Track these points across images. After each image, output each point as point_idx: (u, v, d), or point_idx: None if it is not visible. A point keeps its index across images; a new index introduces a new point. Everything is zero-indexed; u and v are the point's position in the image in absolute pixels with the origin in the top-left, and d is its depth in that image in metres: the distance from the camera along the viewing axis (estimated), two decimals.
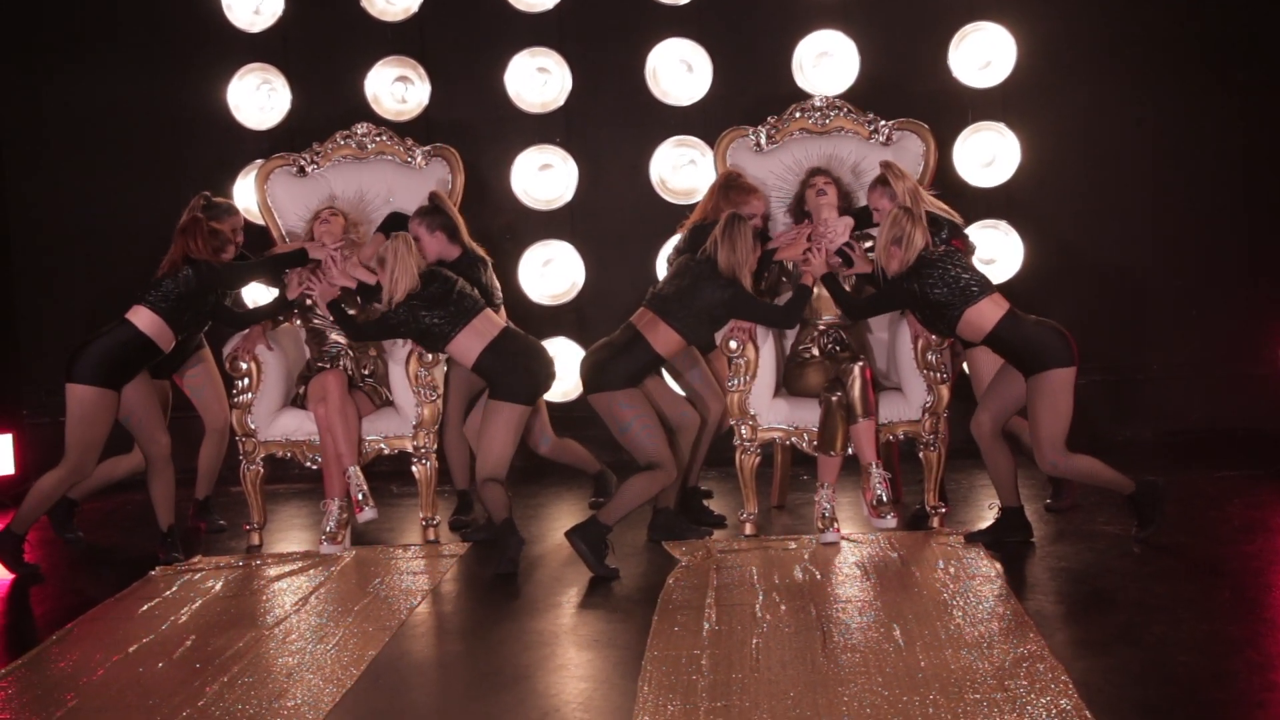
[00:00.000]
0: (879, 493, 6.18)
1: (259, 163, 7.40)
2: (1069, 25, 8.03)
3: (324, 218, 6.77)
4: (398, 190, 7.14)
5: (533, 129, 8.07)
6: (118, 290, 6.55)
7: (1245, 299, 8.13)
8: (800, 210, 6.74)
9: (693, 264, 6.20)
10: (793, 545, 6.19)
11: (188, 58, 8.21)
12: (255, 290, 7.30)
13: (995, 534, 6.07)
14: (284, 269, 6.60)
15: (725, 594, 5.48)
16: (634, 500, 5.98)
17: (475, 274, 6.53)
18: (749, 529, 6.41)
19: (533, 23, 8.06)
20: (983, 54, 7.85)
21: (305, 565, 6.20)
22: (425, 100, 8.03)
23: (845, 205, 6.68)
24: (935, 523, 6.38)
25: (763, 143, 7.05)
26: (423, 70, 8.02)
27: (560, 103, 8.03)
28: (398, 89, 8.03)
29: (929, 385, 6.33)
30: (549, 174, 8.03)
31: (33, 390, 8.37)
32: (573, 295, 8.02)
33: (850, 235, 6.34)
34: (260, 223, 7.27)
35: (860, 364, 6.25)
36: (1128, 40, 8.08)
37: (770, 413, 6.44)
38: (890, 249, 5.95)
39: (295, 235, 7.06)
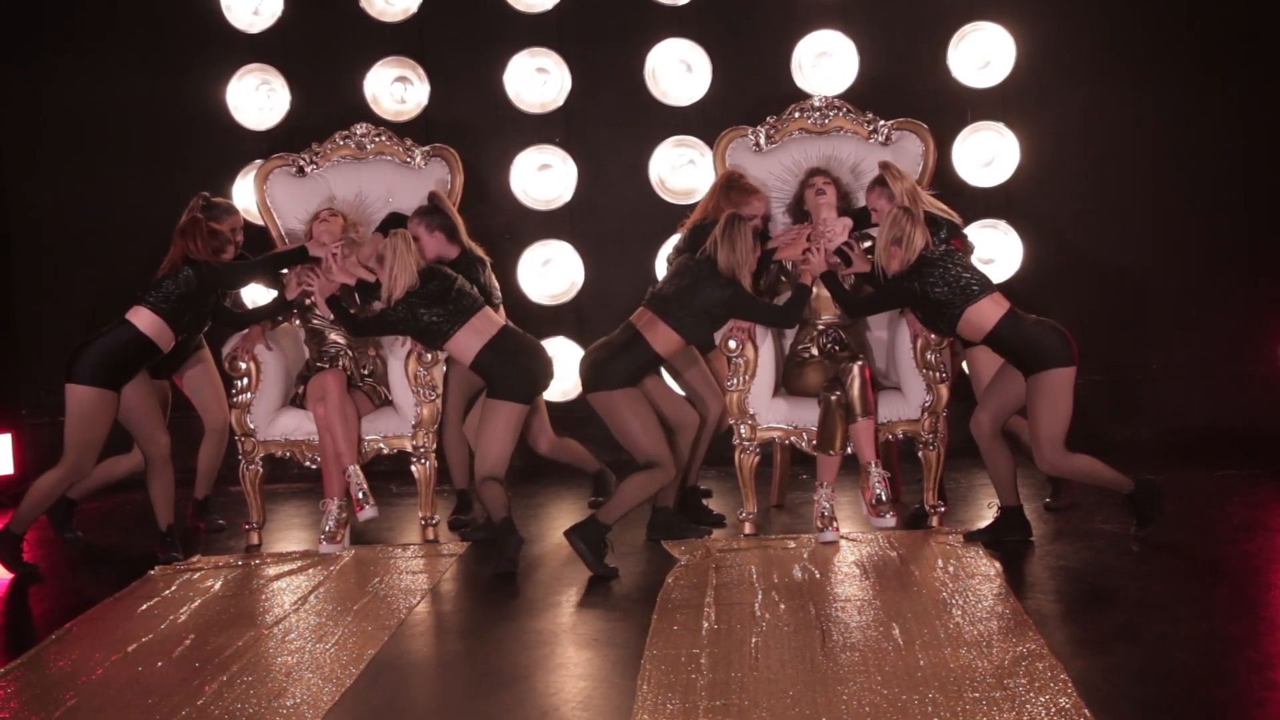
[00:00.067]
0: (878, 492, 6.18)
1: (258, 163, 7.40)
2: (1068, 25, 8.03)
3: (323, 217, 6.76)
4: (397, 190, 7.13)
5: (532, 129, 8.07)
6: (117, 290, 6.55)
7: (1245, 298, 8.12)
8: (799, 210, 6.74)
9: (692, 264, 6.20)
10: (792, 544, 6.19)
11: (187, 58, 8.21)
12: (254, 290, 7.30)
13: (994, 533, 6.07)
14: (283, 268, 6.61)
15: (724, 593, 5.48)
16: (633, 499, 5.98)
17: (474, 274, 6.53)
18: (748, 528, 6.41)
19: (532, 23, 8.06)
20: (982, 54, 7.85)
21: (304, 564, 6.20)
22: (424, 100, 8.03)
23: (844, 205, 6.68)
24: (934, 522, 6.38)
25: (762, 143, 7.05)
26: (422, 70, 8.02)
27: (559, 103, 8.03)
28: (397, 89, 8.03)
29: (928, 384, 6.33)
30: (548, 174, 8.03)
31: (32, 390, 8.37)
32: (572, 295, 8.02)
33: (849, 235, 6.35)
34: (259, 223, 7.27)
35: (859, 363, 6.25)
36: (1127, 40, 8.08)
37: (769, 412, 6.44)
38: (890, 249, 5.96)
39: (294, 235, 7.06)
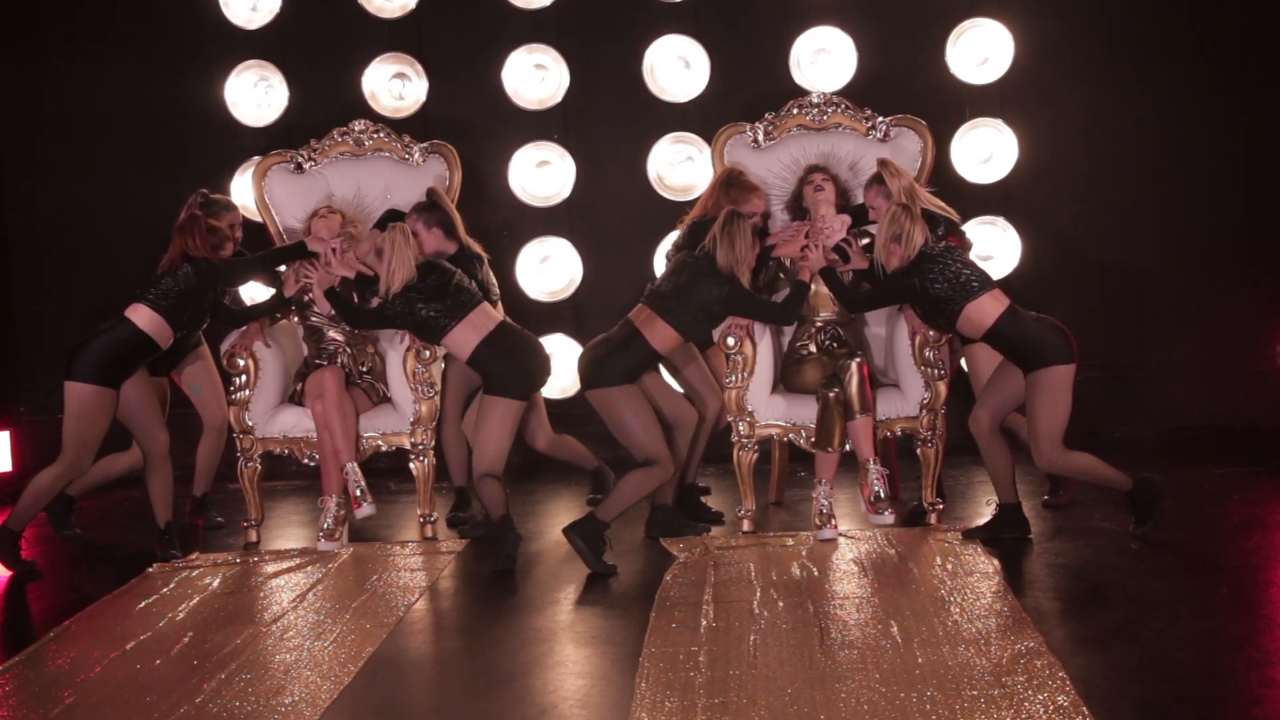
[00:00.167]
0: (876, 489, 6.18)
1: (256, 160, 7.39)
2: (1067, 22, 8.02)
3: (321, 214, 6.76)
4: (395, 187, 7.13)
5: (530, 126, 8.06)
6: (116, 287, 6.54)
7: (1244, 297, 8.12)
8: (798, 207, 6.73)
9: (691, 261, 6.20)
10: (790, 542, 6.19)
11: (185, 55, 8.20)
12: (253, 287, 7.30)
13: (993, 530, 6.07)
14: (282, 264, 6.60)
15: (723, 591, 5.48)
16: (631, 497, 5.98)
17: (472, 270, 6.53)
18: (747, 525, 6.41)
19: (530, 19, 8.05)
20: (981, 50, 7.84)
21: (303, 562, 6.19)
22: (423, 97, 8.02)
23: (843, 203, 6.68)
24: (933, 519, 6.38)
25: (760, 139, 7.04)
26: (420, 67, 8.01)
27: (558, 99, 8.02)
28: (395, 86, 8.02)
29: (926, 382, 6.33)
30: (546, 171, 8.02)
31: (31, 387, 8.36)
32: (570, 292, 8.02)
33: (847, 232, 6.35)
34: (258, 220, 7.26)
35: (857, 360, 6.25)
36: (1127, 38, 8.07)
37: (768, 409, 6.44)
38: (890, 246, 5.95)
39: (293, 232, 7.05)
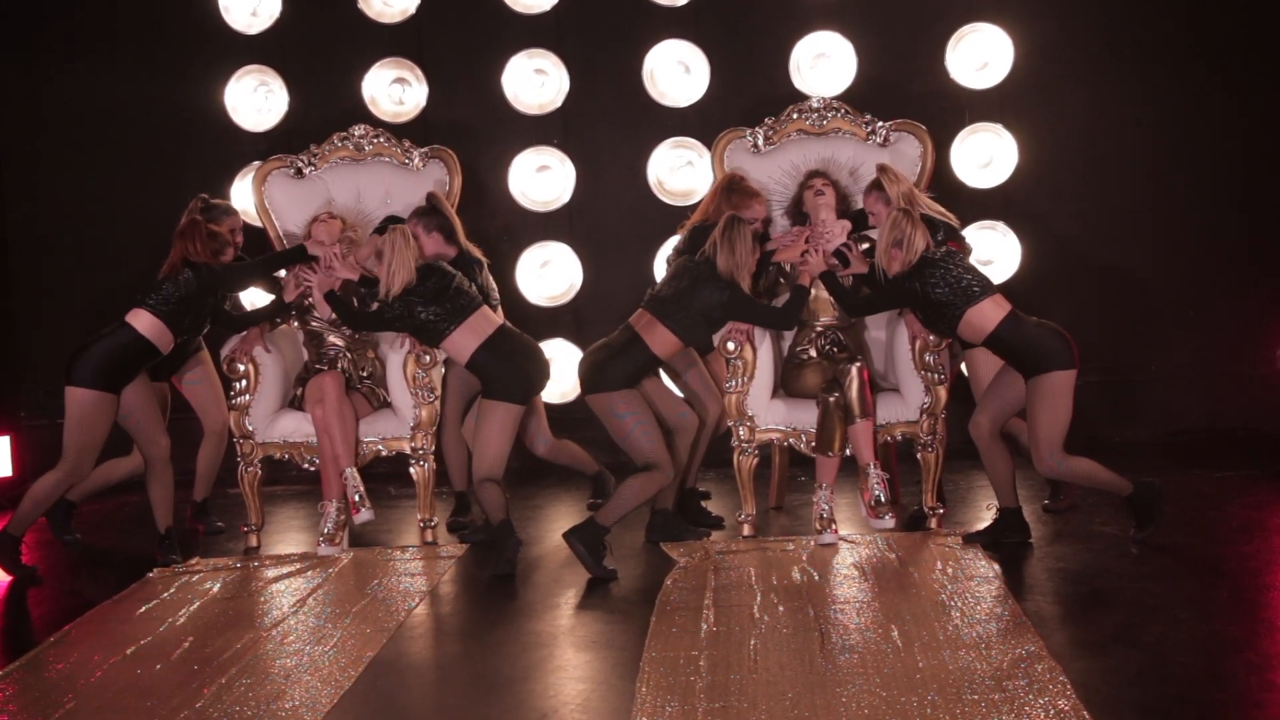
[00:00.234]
0: (877, 493, 6.18)
1: (256, 164, 7.40)
2: (1066, 26, 8.02)
3: (321, 219, 6.77)
4: (395, 192, 7.13)
5: (530, 130, 8.06)
6: (117, 291, 6.55)
7: (1245, 299, 8.12)
8: (798, 212, 6.74)
9: (691, 265, 6.20)
10: (791, 546, 6.18)
11: (186, 59, 8.20)
12: (253, 292, 7.29)
13: (993, 535, 6.07)
14: (283, 268, 6.61)
15: (723, 595, 5.48)
16: (632, 501, 5.98)
17: (471, 275, 6.53)
18: (747, 530, 6.41)
19: (530, 24, 8.05)
20: (980, 55, 7.84)
21: (303, 567, 6.19)
22: (423, 102, 8.02)
23: (843, 208, 6.68)
24: (933, 524, 6.38)
25: (760, 144, 7.05)
26: (420, 72, 8.01)
27: (558, 104, 8.03)
28: (395, 90, 8.03)
29: (926, 386, 6.32)
30: (546, 175, 8.02)
31: (31, 392, 8.36)
32: (570, 296, 8.02)
33: (847, 237, 6.35)
34: (258, 225, 7.26)
35: (858, 364, 6.25)
36: (1126, 41, 8.07)
37: (768, 414, 6.44)
38: (891, 251, 5.95)
39: (293, 237, 7.06)
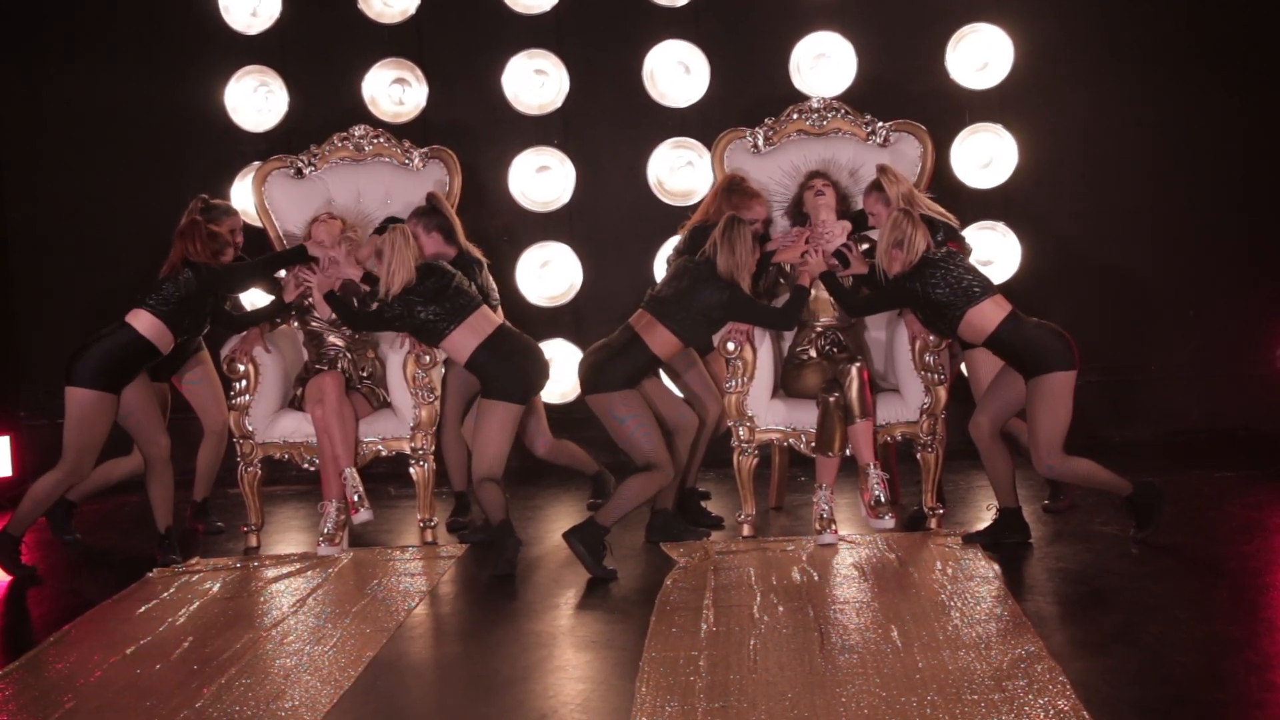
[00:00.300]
0: (877, 493, 6.17)
1: (256, 165, 7.40)
2: (1067, 26, 8.02)
3: (322, 219, 6.77)
4: (395, 192, 7.13)
5: (530, 131, 8.06)
6: (117, 291, 6.55)
7: (1244, 299, 8.12)
8: (798, 213, 6.73)
9: (691, 266, 6.20)
10: (790, 546, 6.18)
11: (186, 59, 8.20)
12: (253, 292, 7.29)
13: (993, 535, 6.07)
14: (283, 269, 6.60)
15: (723, 595, 5.48)
16: (632, 501, 5.98)
17: (471, 275, 6.53)
18: (747, 530, 6.41)
19: (530, 24, 8.05)
20: (980, 55, 7.84)
21: (303, 567, 6.19)
22: (423, 102, 8.02)
23: (844, 208, 6.67)
24: (933, 524, 6.38)
25: (760, 144, 7.05)
26: (420, 72, 8.02)
27: (558, 104, 8.03)
28: (395, 91, 8.03)
29: (926, 386, 6.32)
30: (546, 176, 8.02)
31: (31, 391, 8.36)
32: (570, 297, 8.02)
33: (848, 238, 6.35)
34: (258, 225, 7.26)
35: (857, 364, 6.25)
36: (1126, 41, 8.07)
37: (768, 414, 6.44)
38: (892, 252, 5.95)
39: (293, 238, 7.05)
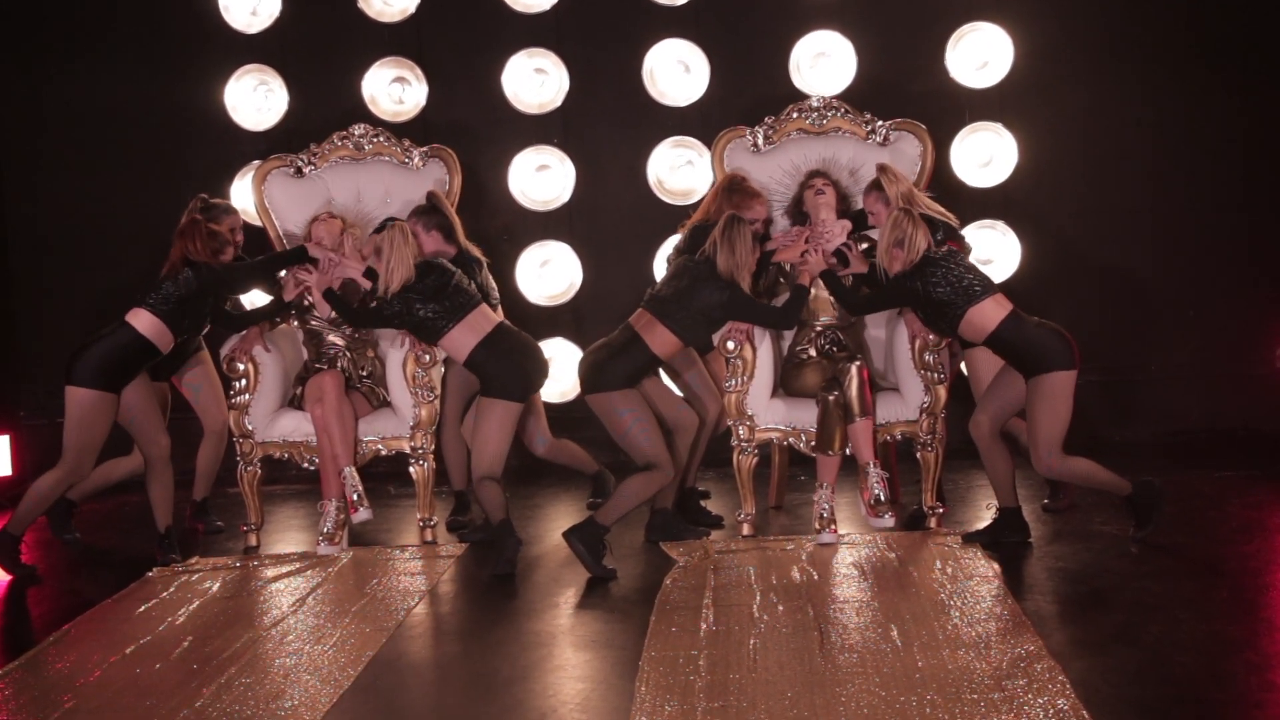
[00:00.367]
0: (876, 492, 6.17)
1: (256, 164, 7.40)
2: (1066, 25, 8.01)
3: (322, 218, 6.77)
4: (395, 191, 7.13)
5: (530, 130, 8.06)
6: (117, 291, 6.55)
7: (1244, 299, 8.11)
8: (798, 212, 6.74)
9: (691, 265, 6.20)
10: (790, 546, 6.18)
11: (185, 58, 8.19)
12: (253, 291, 7.28)
13: (993, 534, 6.07)
14: (283, 269, 6.60)
15: (723, 594, 5.48)
16: (631, 501, 5.98)
17: (471, 274, 6.53)
18: (746, 529, 6.41)
19: (530, 23, 8.04)
20: (980, 54, 7.84)
21: (303, 566, 6.19)
22: (422, 101, 8.02)
23: (844, 208, 6.67)
24: (933, 523, 6.38)
25: (760, 143, 7.04)
26: (420, 71, 8.01)
27: (558, 103, 8.02)
28: (395, 90, 8.03)
29: (926, 386, 6.32)
30: (546, 175, 8.02)
31: (31, 391, 8.36)
32: (570, 296, 8.02)
33: (847, 237, 6.35)
34: (258, 224, 7.25)
35: (857, 363, 6.25)
36: (1126, 40, 8.07)
37: (768, 413, 6.44)
38: (893, 251, 5.95)
39: (293, 237, 7.06)
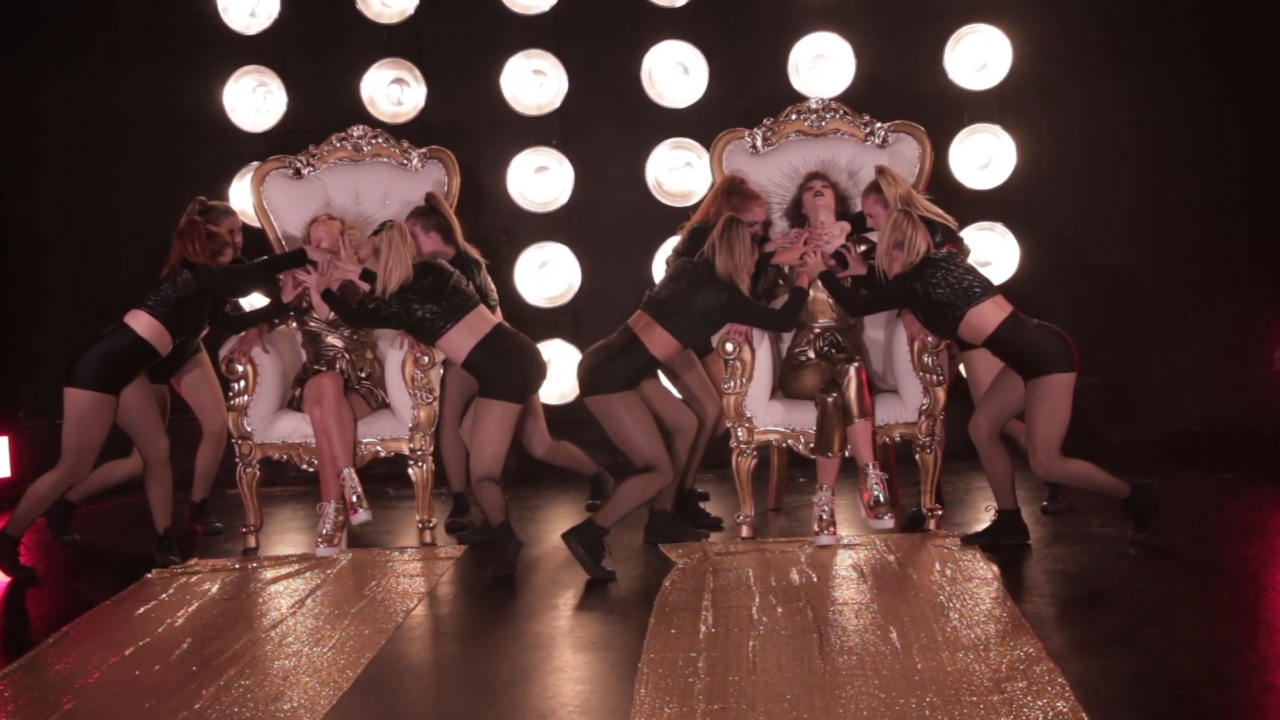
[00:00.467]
0: (875, 493, 6.17)
1: (255, 165, 7.39)
2: (1065, 27, 8.02)
3: (320, 220, 6.77)
4: (394, 192, 7.13)
5: (529, 131, 8.06)
6: (116, 292, 6.54)
7: (1244, 300, 8.12)
8: (797, 214, 6.73)
9: (690, 267, 6.20)
10: (789, 547, 6.18)
11: (184, 59, 8.19)
12: (252, 294, 7.28)
13: (992, 536, 6.07)
14: (282, 271, 6.60)
15: (722, 596, 5.48)
16: (631, 502, 5.98)
17: (470, 275, 6.52)
18: (745, 531, 6.41)
19: (528, 25, 8.05)
20: (979, 56, 7.84)
21: (302, 568, 6.19)
22: (421, 102, 8.02)
23: (842, 209, 6.67)
24: (932, 525, 6.37)
25: (759, 145, 7.04)
26: (418, 72, 8.01)
27: (556, 105, 8.02)
28: (393, 91, 8.03)
29: (925, 387, 6.32)
30: (545, 176, 8.02)
31: (30, 392, 8.35)
32: (569, 297, 8.02)
33: (846, 239, 6.35)
34: (256, 225, 7.25)
35: (856, 365, 6.25)
36: (1125, 41, 8.07)
37: (766, 415, 6.44)
38: (892, 253, 5.95)
39: (291, 239, 7.05)
